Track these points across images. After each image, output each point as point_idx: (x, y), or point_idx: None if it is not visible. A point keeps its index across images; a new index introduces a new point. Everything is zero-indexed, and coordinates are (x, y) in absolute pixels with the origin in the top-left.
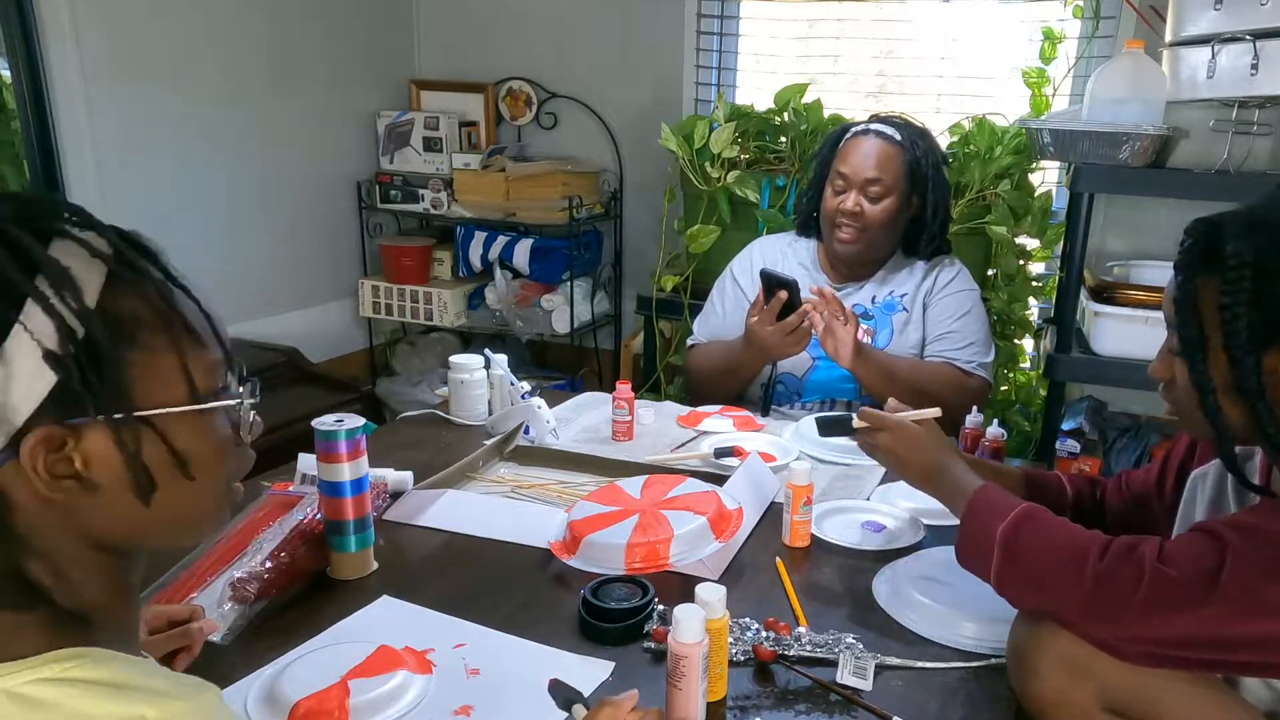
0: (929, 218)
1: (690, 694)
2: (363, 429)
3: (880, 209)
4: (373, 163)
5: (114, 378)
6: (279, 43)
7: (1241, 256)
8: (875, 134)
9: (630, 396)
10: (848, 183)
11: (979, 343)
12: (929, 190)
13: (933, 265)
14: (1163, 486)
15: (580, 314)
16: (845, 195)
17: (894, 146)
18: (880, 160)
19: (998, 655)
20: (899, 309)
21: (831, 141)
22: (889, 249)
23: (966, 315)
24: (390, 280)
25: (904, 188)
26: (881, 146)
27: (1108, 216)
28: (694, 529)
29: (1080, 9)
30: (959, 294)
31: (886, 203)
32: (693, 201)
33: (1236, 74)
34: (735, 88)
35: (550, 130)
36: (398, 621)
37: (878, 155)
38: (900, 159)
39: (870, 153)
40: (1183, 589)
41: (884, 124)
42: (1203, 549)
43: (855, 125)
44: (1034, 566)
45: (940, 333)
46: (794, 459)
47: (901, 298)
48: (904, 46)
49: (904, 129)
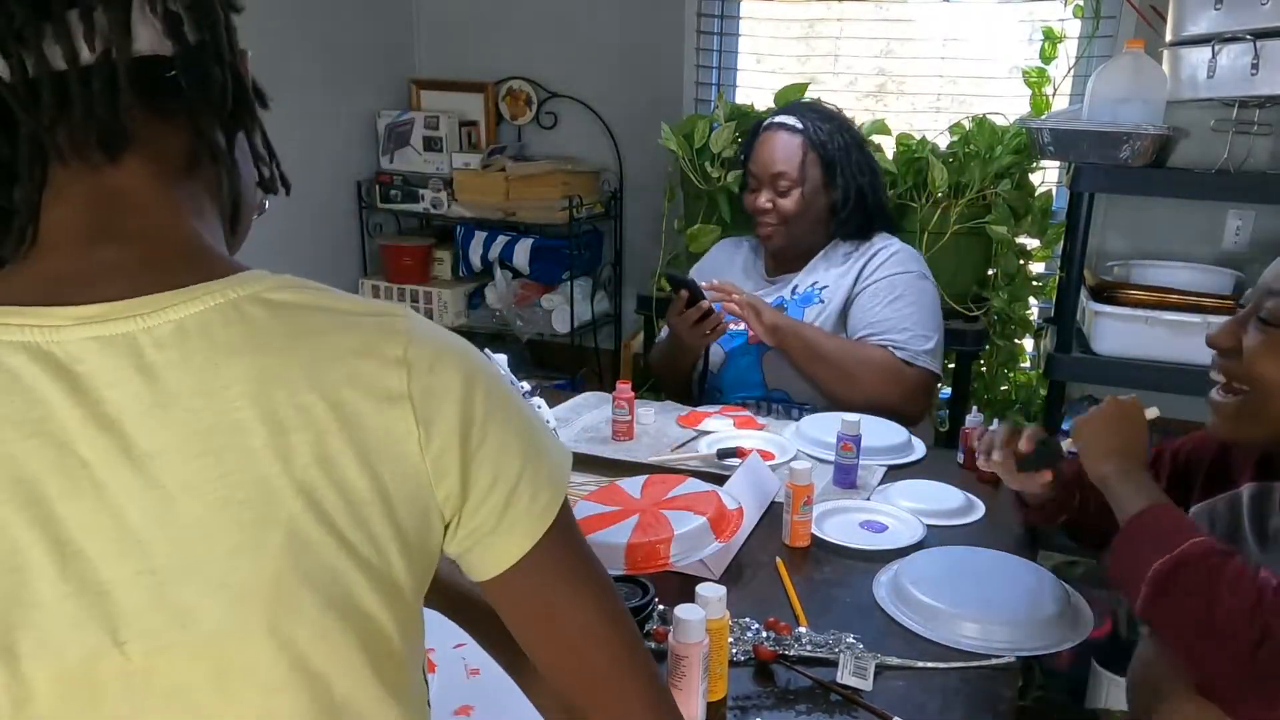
0: (840, 201)
1: (690, 694)
2: None
3: (790, 202)
4: (373, 162)
5: None
6: (278, 42)
7: None
8: (778, 126)
9: (630, 396)
10: (759, 180)
11: (916, 328)
12: (838, 174)
13: (861, 252)
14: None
15: (580, 314)
16: (758, 193)
17: (795, 136)
18: (782, 154)
19: (998, 655)
20: (815, 300)
21: (748, 139)
22: (817, 238)
23: (897, 299)
24: (390, 280)
25: (815, 175)
26: (783, 139)
27: (1108, 216)
28: (694, 529)
29: (1080, 9)
30: (890, 278)
31: (795, 194)
32: (693, 201)
33: (1236, 74)
34: (735, 88)
35: (550, 130)
36: None
37: (780, 149)
38: (802, 148)
39: (774, 147)
40: None
41: (788, 114)
42: None
43: (765, 120)
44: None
45: (869, 321)
46: (793, 458)
47: (821, 290)
48: (904, 46)
49: (807, 116)
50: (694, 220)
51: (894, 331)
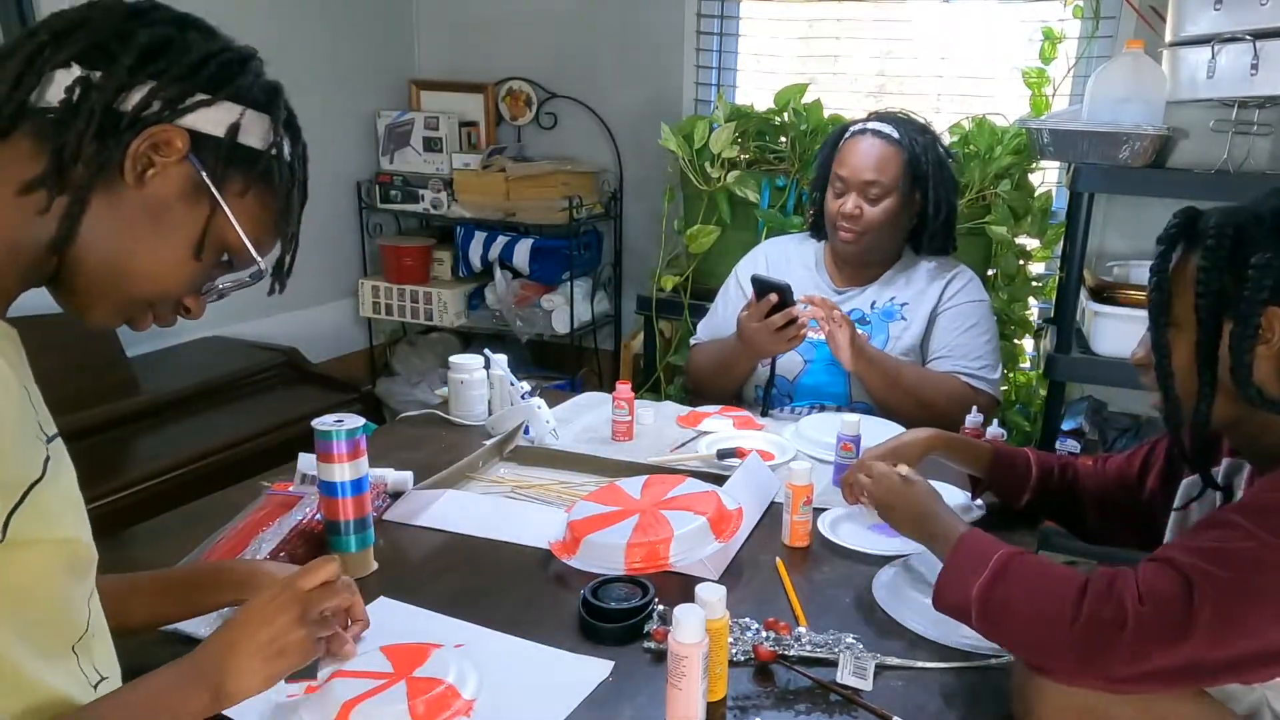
0: (931, 215)
1: (690, 694)
2: (362, 429)
3: (880, 210)
4: (373, 163)
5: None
6: (279, 42)
7: (1222, 229)
8: (873, 134)
9: (630, 396)
10: (846, 185)
11: (986, 357)
12: (930, 187)
13: (940, 274)
14: (1143, 481)
15: (580, 314)
16: (845, 198)
17: (892, 146)
18: (878, 161)
19: (998, 655)
20: (897, 317)
21: (831, 142)
22: (893, 249)
23: (973, 328)
24: (390, 280)
25: (904, 186)
26: (879, 146)
27: (1108, 216)
28: (694, 529)
29: (1080, 9)
30: (967, 305)
31: (886, 203)
32: (693, 201)
33: (1236, 74)
34: (735, 88)
35: (550, 130)
36: (397, 622)
37: (876, 156)
38: (899, 158)
39: (868, 153)
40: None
41: (882, 122)
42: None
43: (854, 125)
44: (1013, 626)
45: (947, 345)
46: (793, 459)
47: (902, 306)
48: (904, 46)
49: (903, 126)
50: (694, 220)
51: (968, 359)
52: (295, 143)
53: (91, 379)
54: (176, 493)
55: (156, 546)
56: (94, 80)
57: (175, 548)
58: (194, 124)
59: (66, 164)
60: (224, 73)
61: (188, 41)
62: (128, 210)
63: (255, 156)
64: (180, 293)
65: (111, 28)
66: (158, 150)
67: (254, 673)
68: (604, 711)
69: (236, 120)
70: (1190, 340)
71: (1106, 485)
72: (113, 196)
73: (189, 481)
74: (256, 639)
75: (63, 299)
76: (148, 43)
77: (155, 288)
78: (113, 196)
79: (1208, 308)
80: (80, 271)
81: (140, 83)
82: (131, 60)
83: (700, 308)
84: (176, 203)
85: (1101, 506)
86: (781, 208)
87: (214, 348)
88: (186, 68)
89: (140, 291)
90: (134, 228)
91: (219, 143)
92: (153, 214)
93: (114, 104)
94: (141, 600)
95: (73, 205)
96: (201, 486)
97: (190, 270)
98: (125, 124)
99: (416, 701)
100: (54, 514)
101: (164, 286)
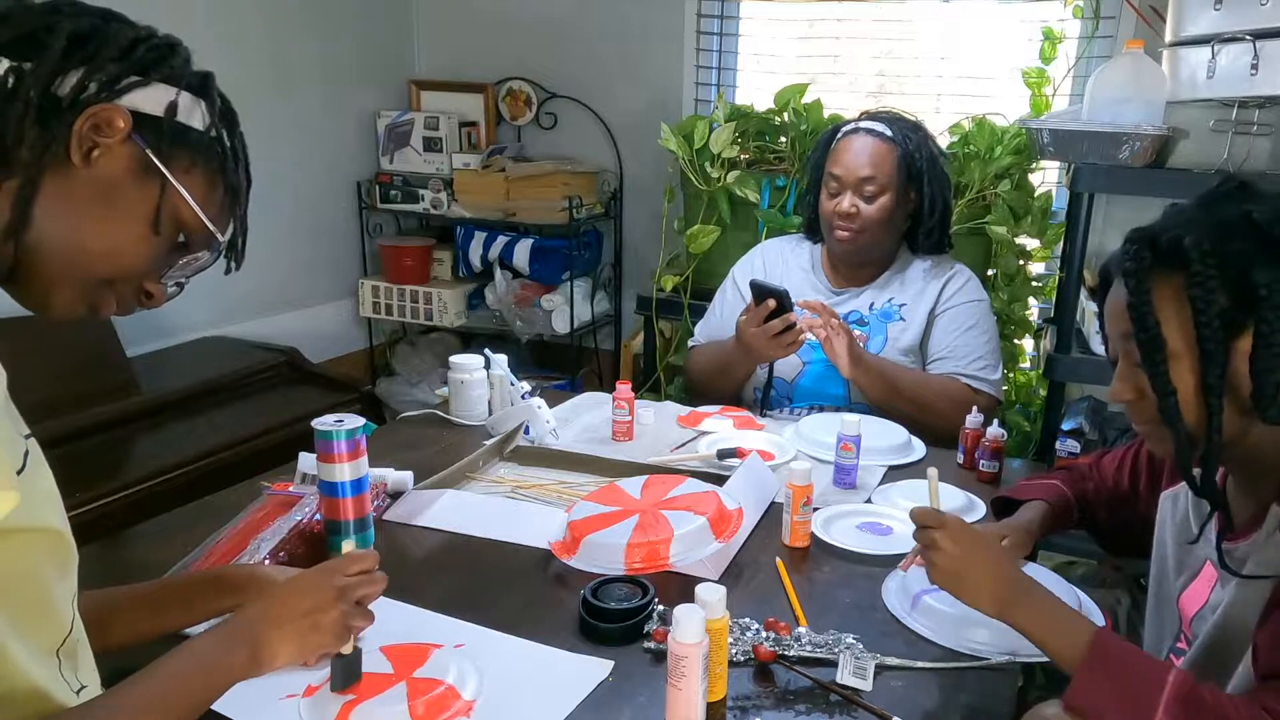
0: (926, 212)
1: (690, 694)
2: (362, 429)
3: (876, 208)
4: (373, 163)
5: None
6: (279, 43)
7: (1201, 247)
8: (866, 132)
9: (630, 397)
10: (841, 184)
11: (987, 357)
12: (924, 184)
13: (938, 273)
14: (1137, 490)
15: (580, 314)
16: (840, 197)
17: (885, 143)
18: (873, 159)
19: (998, 655)
20: (896, 318)
21: (823, 143)
22: (889, 249)
23: (973, 328)
24: (390, 280)
25: (899, 184)
26: (873, 144)
27: (1108, 216)
28: (694, 529)
29: (1080, 9)
30: (966, 305)
31: (882, 201)
32: (693, 201)
33: (1236, 74)
34: (735, 88)
35: (550, 130)
36: (397, 622)
37: (870, 154)
38: (893, 155)
39: (862, 152)
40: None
41: (874, 120)
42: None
43: (845, 125)
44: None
45: (946, 346)
46: (793, 459)
47: (900, 307)
48: (904, 46)
49: (895, 124)
50: (694, 220)
51: (967, 360)
52: (233, 130)
53: (91, 379)
54: (176, 493)
55: (156, 546)
56: (25, 69)
57: (175, 548)
58: (133, 104)
59: (10, 148)
60: (155, 55)
61: (113, 30)
62: (79, 190)
63: (197, 136)
64: (140, 271)
65: (35, 20)
66: (100, 130)
67: (288, 641)
68: (604, 711)
69: (174, 100)
70: (1190, 368)
71: (1107, 495)
72: (63, 179)
73: (189, 481)
74: (298, 608)
75: (22, 293)
76: (74, 30)
77: (114, 266)
78: (63, 179)
79: (1212, 333)
80: (39, 257)
81: (73, 68)
82: (61, 47)
83: (700, 308)
84: (127, 181)
85: (1110, 507)
86: (781, 208)
87: (214, 348)
88: (118, 51)
89: (100, 271)
90: (88, 207)
91: (160, 122)
92: (104, 193)
93: (50, 88)
94: (123, 617)
95: (24, 188)
96: (201, 486)
97: (149, 248)
98: (65, 105)
99: (416, 702)
100: (36, 504)
101: (123, 265)
